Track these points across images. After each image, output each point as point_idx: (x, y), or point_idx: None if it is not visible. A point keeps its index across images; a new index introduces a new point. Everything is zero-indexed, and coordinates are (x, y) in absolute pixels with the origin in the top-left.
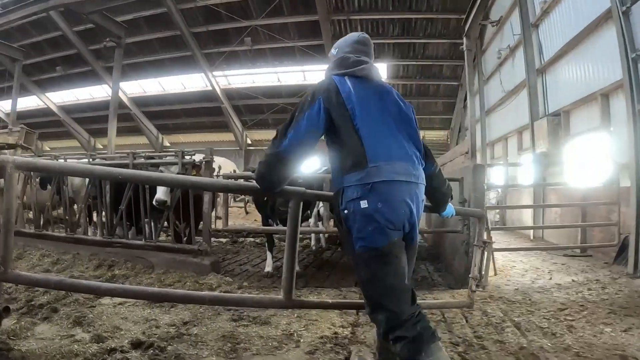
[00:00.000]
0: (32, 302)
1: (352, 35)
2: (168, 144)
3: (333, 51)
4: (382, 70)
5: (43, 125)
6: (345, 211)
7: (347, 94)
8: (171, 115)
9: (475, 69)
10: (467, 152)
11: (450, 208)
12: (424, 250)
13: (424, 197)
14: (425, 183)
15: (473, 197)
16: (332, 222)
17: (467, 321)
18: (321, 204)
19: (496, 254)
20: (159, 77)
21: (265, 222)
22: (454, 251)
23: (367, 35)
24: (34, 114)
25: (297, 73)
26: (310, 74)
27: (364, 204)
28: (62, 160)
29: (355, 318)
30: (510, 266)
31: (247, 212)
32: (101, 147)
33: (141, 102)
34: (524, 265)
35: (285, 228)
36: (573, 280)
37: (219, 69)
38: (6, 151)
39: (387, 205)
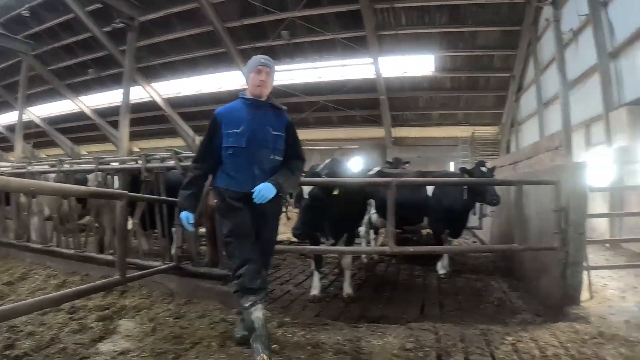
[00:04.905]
0: (8, 351)
1: None
2: None
3: None
4: (429, 62)
5: (77, 130)
6: None
7: None
8: (207, 115)
9: (530, 57)
10: (558, 147)
11: None
12: (489, 262)
13: None
14: None
15: (573, 205)
16: (382, 231)
17: None
18: (373, 210)
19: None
20: (193, 76)
21: (313, 238)
22: (540, 270)
23: None
24: (69, 119)
25: (338, 68)
26: (353, 68)
27: None
28: None
29: None
30: (602, 285)
31: (288, 218)
32: (138, 150)
33: (176, 103)
34: (617, 283)
35: (339, 248)
36: None
37: None
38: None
39: None
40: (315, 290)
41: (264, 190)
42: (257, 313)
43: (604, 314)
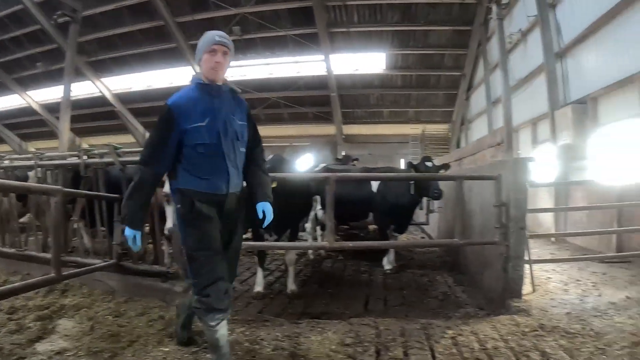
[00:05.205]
0: None
1: None
2: None
3: None
4: (380, 60)
5: (25, 126)
6: None
7: None
8: (158, 112)
9: (480, 57)
10: (500, 144)
11: None
12: (436, 258)
13: None
14: None
15: (513, 200)
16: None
17: None
18: (319, 206)
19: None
20: (144, 72)
21: (256, 234)
22: (483, 264)
23: None
24: (16, 114)
25: (290, 64)
26: (304, 65)
27: None
28: None
29: None
30: (546, 278)
31: None
32: (87, 146)
33: (126, 99)
34: (560, 276)
35: (278, 244)
36: (628, 297)
37: None
38: None
39: None
40: (258, 287)
41: (270, 214)
42: (222, 331)
43: (546, 307)
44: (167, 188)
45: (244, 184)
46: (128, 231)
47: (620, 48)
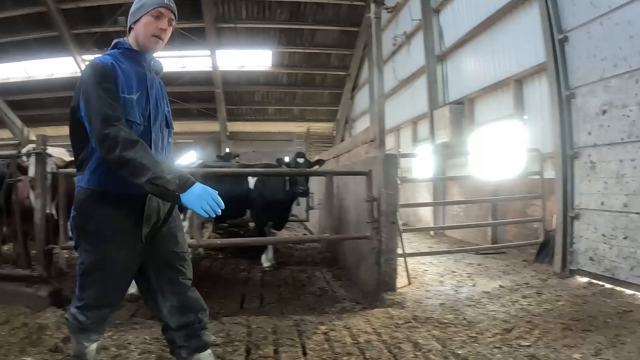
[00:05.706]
0: None
1: None
2: (35, 138)
3: None
4: (267, 57)
5: None
6: None
7: None
8: (37, 105)
9: (366, 57)
10: (373, 140)
11: None
12: (316, 254)
13: None
14: None
15: (384, 195)
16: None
17: None
18: None
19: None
20: (23, 61)
21: None
22: (359, 259)
23: None
24: None
25: (175, 59)
26: (190, 60)
27: None
28: None
29: None
30: (422, 270)
31: None
32: None
33: (3, 90)
34: (437, 268)
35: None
36: (501, 286)
37: (90, 52)
38: None
39: None
40: (132, 289)
41: None
42: (93, 346)
43: (420, 298)
44: (32, 172)
45: None
46: (198, 189)
47: (496, 53)
